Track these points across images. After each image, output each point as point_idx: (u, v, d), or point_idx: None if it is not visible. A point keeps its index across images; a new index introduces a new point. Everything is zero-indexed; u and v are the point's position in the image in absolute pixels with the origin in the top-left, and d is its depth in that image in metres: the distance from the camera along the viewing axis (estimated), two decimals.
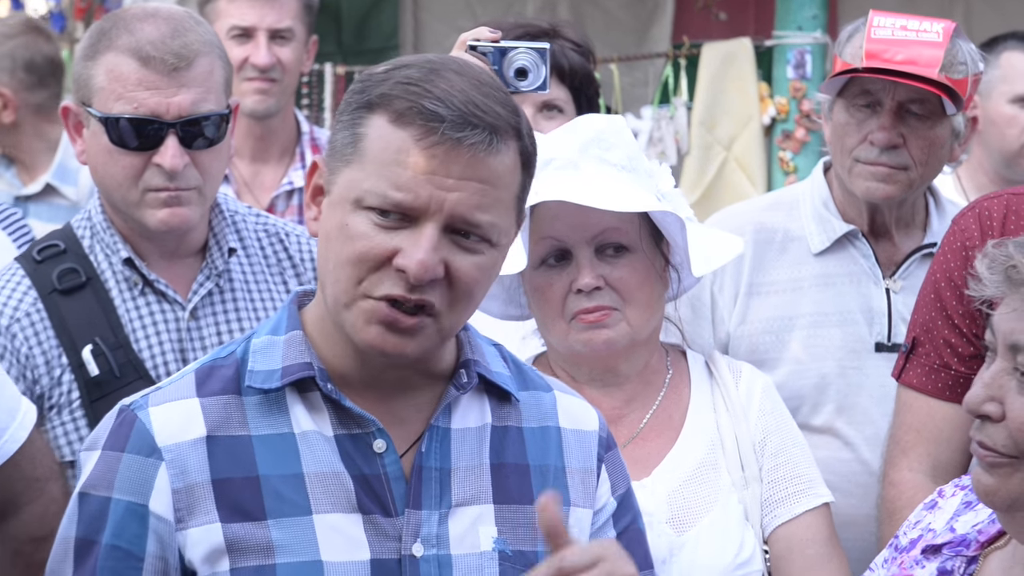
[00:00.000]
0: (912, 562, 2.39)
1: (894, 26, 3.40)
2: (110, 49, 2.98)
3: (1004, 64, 4.88)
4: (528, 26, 3.56)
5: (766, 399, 3.02)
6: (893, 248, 3.54)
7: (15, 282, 3.05)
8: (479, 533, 2.22)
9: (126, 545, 2.13)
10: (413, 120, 2.05)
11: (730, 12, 7.90)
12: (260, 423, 2.17)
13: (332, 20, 8.03)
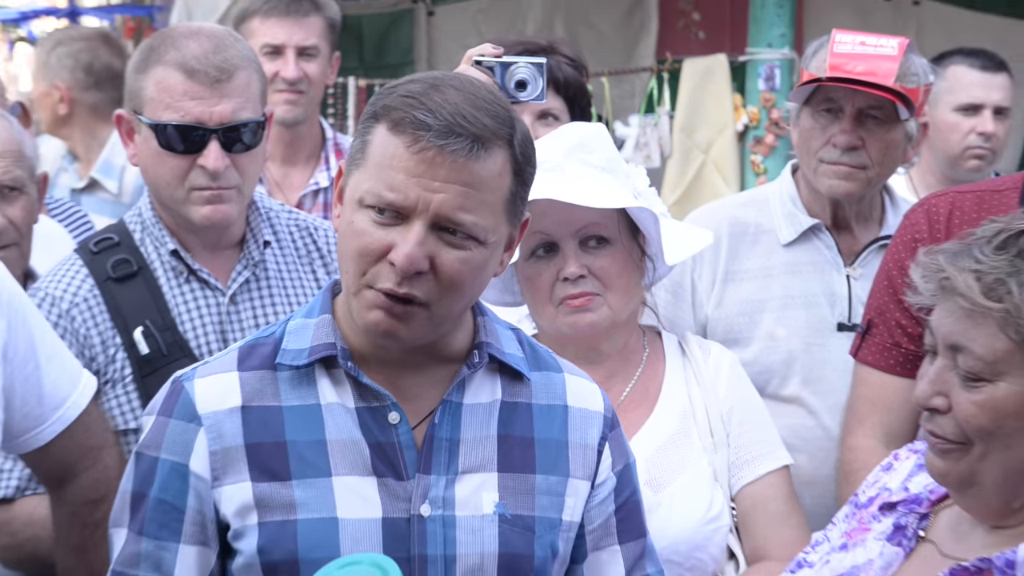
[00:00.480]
0: (870, 517, 2.38)
1: (854, 42, 3.40)
2: (159, 63, 2.98)
3: (950, 77, 4.85)
4: (528, 43, 3.54)
5: (732, 374, 3.01)
6: (853, 240, 3.53)
7: (74, 271, 3.04)
8: (482, 498, 2.21)
9: (170, 499, 2.15)
10: (405, 128, 2.07)
11: (708, 31, 7.91)
12: (290, 395, 2.18)
13: (355, 38, 8.05)
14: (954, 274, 2.10)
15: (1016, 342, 2.05)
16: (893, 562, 2.26)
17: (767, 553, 2.88)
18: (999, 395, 2.07)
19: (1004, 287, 2.05)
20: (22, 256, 3.19)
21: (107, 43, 5.46)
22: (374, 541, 2.13)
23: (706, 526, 2.82)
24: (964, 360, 2.10)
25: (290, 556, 2.12)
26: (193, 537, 2.14)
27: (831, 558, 2.36)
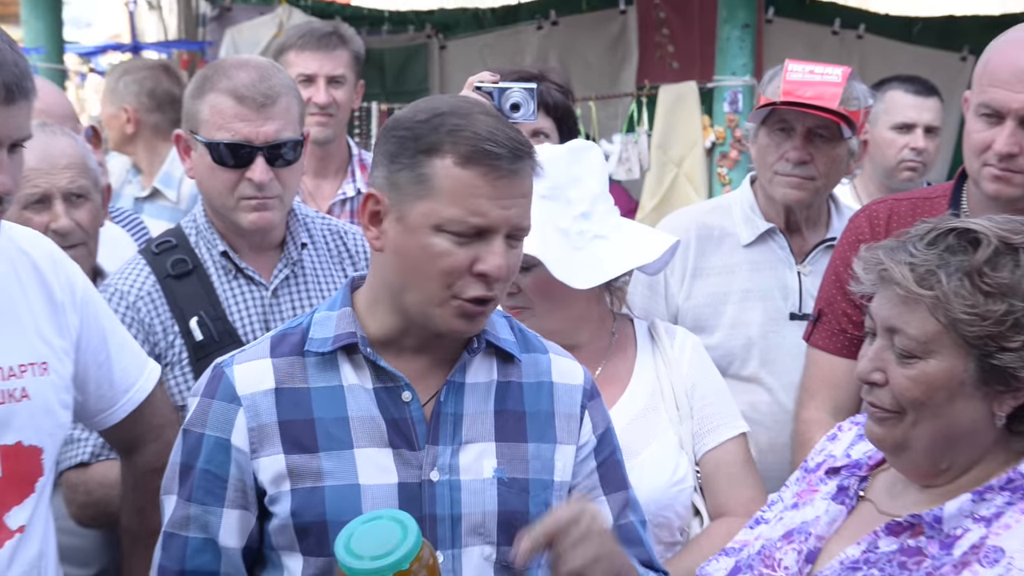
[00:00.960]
0: (817, 480, 2.38)
1: (804, 70, 3.42)
2: (213, 90, 3.00)
3: (888, 100, 4.87)
4: (521, 71, 3.55)
5: (695, 355, 3.01)
6: (803, 241, 3.54)
7: (139, 269, 3.06)
8: (483, 464, 2.24)
9: (215, 469, 2.19)
10: (480, 161, 2.07)
11: (680, 62, 7.87)
12: (316, 378, 2.19)
13: (377, 69, 8.01)
14: (891, 266, 2.10)
15: (944, 325, 2.04)
16: (837, 518, 2.26)
17: (727, 510, 2.89)
18: (929, 370, 2.07)
19: (934, 277, 2.05)
20: (89, 255, 3.20)
21: (167, 72, 5.51)
22: (391, 504, 2.15)
23: (672, 488, 2.83)
24: (900, 340, 2.10)
25: (319, 518, 2.15)
26: (234, 502, 2.18)
27: (784, 515, 2.36)
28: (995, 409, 2.07)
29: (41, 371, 2.42)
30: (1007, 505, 2.06)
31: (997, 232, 2.07)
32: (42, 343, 2.44)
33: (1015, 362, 2.02)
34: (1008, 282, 2.03)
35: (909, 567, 2.07)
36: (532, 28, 8.28)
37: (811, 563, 2.21)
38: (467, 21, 8.58)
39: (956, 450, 2.12)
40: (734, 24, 6.19)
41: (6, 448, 2.34)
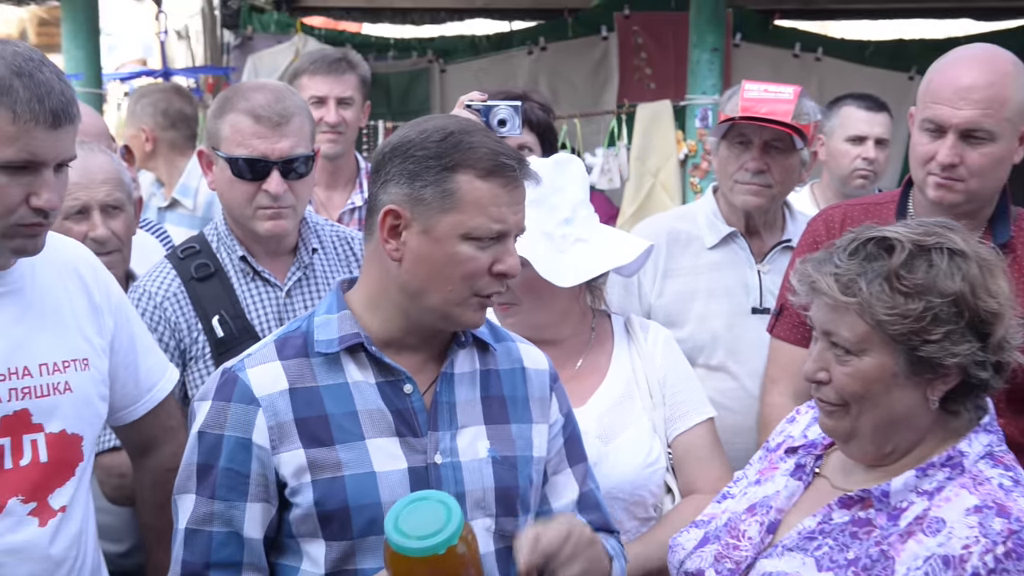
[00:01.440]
0: (778, 459, 2.38)
1: (760, 89, 3.43)
2: (233, 110, 2.99)
3: (843, 115, 4.86)
4: (507, 92, 3.54)
5: (667, 347, 2.98)
6: (761, 243, 3.54)
7: (165, 272, 3.04)
8: (478, 446, 2.23)
9: (237, 467, 2.13)
10: (500, 173, 2.08)
11: (657, 83, 7.90)
12: (324, 377, 2.16)
13: (383, 91, 8.03)
14: (818, 278, 2.10)
15: (871, 325, 2.04)
16: (795, 493, 2.26)
17: (696, 488, 2.86)
18: (864, 367, 2.07)
19: (856, 284, 2.05)
20: (124, 261, 3.21)
21: (179, 93, 5.52)
22: (404, 487, 2.13)
23: (645, 469, 2.81)
24: (837, 339, 2.10)
25: (341, 505, 2.11)
26: (257, 496, 2.12)
27: (748, 491, 2.36)
28: (928, 394, 2.07)
29: (83, 366, 2.42)
30: (947, 480, 2.06)
31: (911, 237, 2.07)
32: (83, 341, 2.45)
33: (938, 352, 2.02)
34: (923, 282, 2.03)
35: (860, 536, 2.07)
36: (523, 53, 8.32)
37: (772, 533, 2.21)
38: (464, 47, 8.61)
39: (898, 434, 2.12)
40: (704, 48, 6.19)
41: (51, 436, 2.35)
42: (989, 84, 2.82)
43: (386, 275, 2.16)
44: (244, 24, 8.59)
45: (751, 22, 8.16)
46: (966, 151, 2.84)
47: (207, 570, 2.12)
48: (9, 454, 2.28)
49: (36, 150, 2.16)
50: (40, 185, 2.19)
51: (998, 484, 2.03)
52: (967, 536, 1.94)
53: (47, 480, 2.34)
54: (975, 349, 2.02)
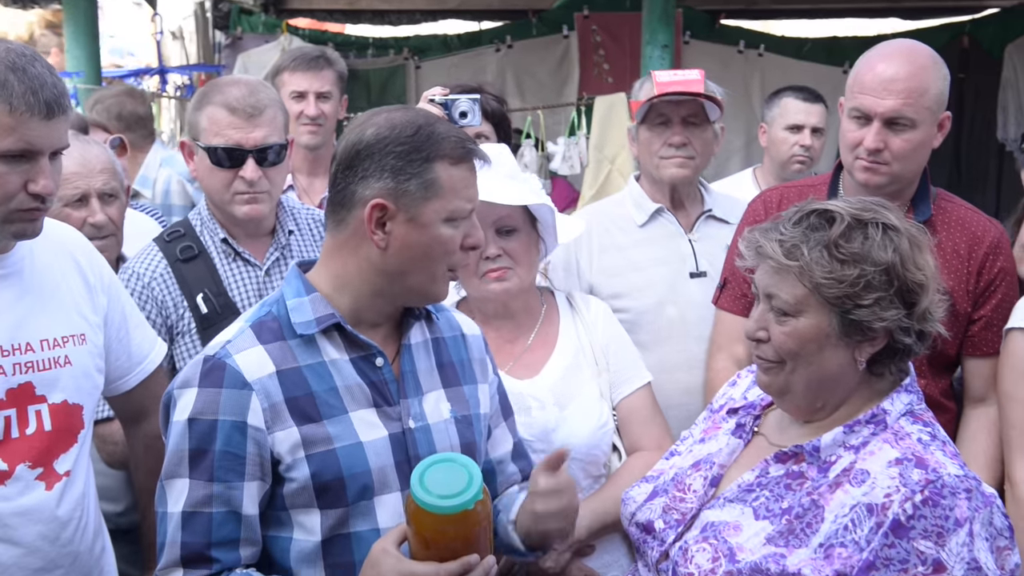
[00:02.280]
0: (720, 419, 2.40)
1: (670, 75, 3.43)
2: (210, 104, 2.97)
3: (782, 105, 4.85)
4: (464, 86, 3.53)
5: (607, 319, 2.99)
6: (687, 215, 3.50)
7: (152, 254, 3.02)
8: (441, 408, 2.22)
9: (233, 449, 2.05)
10: (467, 159, 2.09)
11: (614, 77, 7.88)
12: (304, 357, 2.11)
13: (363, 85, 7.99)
14: (764, 243, 2.12)
15: (810, 289, 2.06)
16: (736, 450, 2.28)
17: (641, 446, 2.87)
18: (800, 327, 2.09)
19: (798, 250, 2.07)
20: (117, 244, 3.20)
21: (131, 96, 5.38)
22: (387, 453, 2.12)
23: (598, 431, 2.81)
24: (776, 303, 2.11)
25: (336, 476, 2.07)
26: (253, 475, 2.06)
27: (694, 448, 2.37)
28: (856, 355, 2.09)
29: (80, 341, 2.41)
30: (872, 436, 2.08)
31: (850, 211, 2.09)
32: (80, 318, 2.44)
33: (869, 316, 2.04)
34: (859, 251, 2.04)
35: (793, 488, 2.09)
36: (491, 51, 8.28)
37: (715, 487, 2.23)
38: (438, 45, 8.57)
39: (828, 391, 2.13)
40: (655, 45, 6.15)
41: (54, 406, 2.34)
42: (910, 76, 2.83)
43: (364, 261, 2.11)
44: (234, 25, 8.53)
45: (699, 21, 8.14)
46: (890, 137, 2.86)
47: (208, 549, 2.05)
48: (16, 424, 2.28)
49: (32, 140, 2.15)
50: (37, 172, 2.18)
51: (917, 439, 2.05)
52: (889, 486, 1.96)
53: (52, 447, 2.33)
54: (901, 316, 2.04)
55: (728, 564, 2.01)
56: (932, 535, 1.89)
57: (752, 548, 2.01)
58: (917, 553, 1.89)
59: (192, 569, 2.05)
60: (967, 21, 8.37)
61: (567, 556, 2.74)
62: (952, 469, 1.97)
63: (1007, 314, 2.91)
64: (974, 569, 1.88)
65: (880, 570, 1.90)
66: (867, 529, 1.93)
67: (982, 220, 3.03)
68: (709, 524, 2.12)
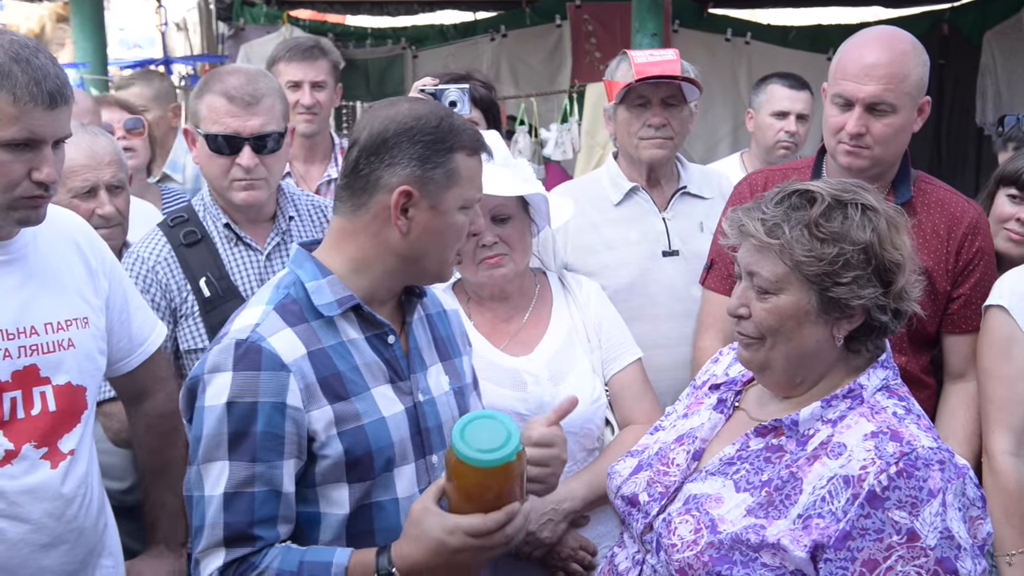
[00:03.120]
0: (703, 395, 2.39)
1: (646, 55, 3.40)
2: (209, 92, 2.95)
3: (769, 92, 4.84)
4: (453, 75, 3.50)
5: (598, 298, 2.99)
6: (662, 193, 3.47)
7: (157, 239, 3.00)
8: (441, 381, 2.25)
9: (274, 429, 2.02)
10: (480, 149, 2.14)
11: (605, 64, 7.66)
12: (327, 338, 2.11)
13: (362, 75, 7.98)
14: (747, 222, 2.11)
15: (790, 267, 2.05)
16: (717, 424, 2.28)
17: (632, 420, 2.88)
18: (780, 303, 2.08)
19: (780, 229, 2.06)
20: (123, 232, 3.19)
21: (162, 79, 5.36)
22: (404, 426, 2.15)
23: (592, 406, 2.81)
24: (757, 280, 2.10)
25: (366, 450, 2.08)
26: (291, 454, 2.04)
27: (677, 423, 2.37)
28: (835, 332, 2.08)
29: (83, 324, 2.41)
30: (848, 410, 2.07)
31: (830, 192, 2.08)
32: (83, 301, 2.43)
33: (847, 294, 2.03)
34: (838, 230, 2.04)
35: (772, 461, 2.09)
36: (487, 40, 8.26)
37: (697, 460, 2.23)
38: (434, 35, 8.55)
39: (807, 367, 2.13)
40: (645, 34, 6.13)
41: (58, 387, 2.34)
42: (890, 62, 2.82)
43: (383, 244, 2.11)
44: (237, 16, 8.49)
45: (687, 10, 8.11)
46: (871, 122, 2.85)
47: (251, 528, 2.02)
48: (21, 405, 2.27)
49: (36, 129, 2.14)
50: (40, 161, 2.17)
51: (892, 413, 2.05)
52: (864, 458, 1.96)
53: (56, 427, 2.33)
54: (878, 294, 2.04)
55: (710, 535, 2.01)
56: (906, 505, 1.89)
57: (733, 519, 2.02)
58: (892, 523, 1.89)
59: (235, 548, 2.02)
60: (947, 9, 8.35)
61: (563, 527, 2.75)
62: (926, 442, 1.97)
63: (985, 292, 2.91)
64: (947, 538, 1.88)
65: (856, 539, 1.90)
66: (844, 500, 1.93)
67: (961, 202, 3.02)
68: (691, 496, 2.12)
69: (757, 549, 1.96)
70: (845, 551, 1.90)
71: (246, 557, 2.02)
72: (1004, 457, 2.77)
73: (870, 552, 1.89)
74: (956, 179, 6.69)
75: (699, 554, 2.01)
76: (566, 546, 2.76)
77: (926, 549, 1.87)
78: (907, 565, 1.88)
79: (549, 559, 2.76)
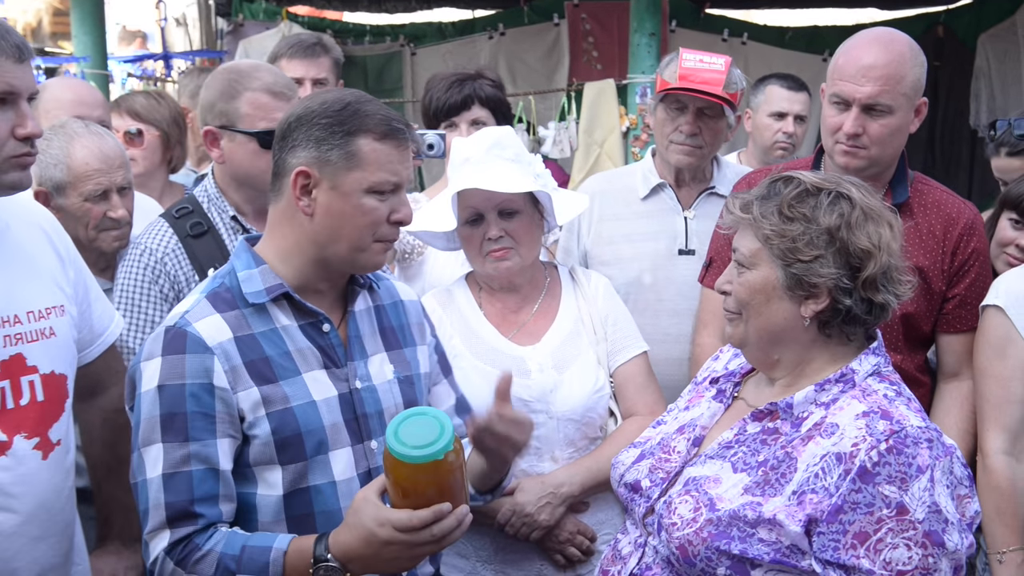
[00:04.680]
0: (703, 389, 2.45)
1: (696, 59, 3.41)
2: (247, 90, 2.94)
3: (767, 92, 4.89)
4: (461, 74, 3.53)
5: (606, 291, 3.04)
6: (689, 192, 3.53)
7: (163, 230, 3.01)
8: (384, 370, 2.31)
9: (204, 409, 2.11)
10: (393, 136, 2.13)
11: (602, 63, 7.87)
12: (257, 324, 2.18)
13: (361, 71, 7.97)
14: (731, 202, 2.22)
15: (761, 242, 2.14)
16: (717, 413, 2.34)
17: (635, 411, 2.93)
18: (752, 278, 2.17)
19: (752, 206, 2.17)
20: (131, 230, 3.21)
21: None
22: (337, 411, 2.20)
23: (594, 395, 2.87)
24: (737, 256, 2.20)
25: (294, 431, 2.15)
26: (224, 432, 2.12)
27: (679, 416, 2.43)
28: (802, 311, 2.15)
29: (60, 312, 2.40)
30: (840, 393, 2.14)
31: (812, 180, 2.18)
32: (58, 289, 2.42)
33: (807, 272, 2.11)
34: (805, 212, 2.13)
35: (768, 442, 2.16)
36: (484, 38, 8.26)
37: (697, 446, 2.30)
38: (433, 33, 8.54)
39: (779, 344, 2.20)
40: (643, 33, 6.15)
41: (44, 376, 2.33)
42: (887, 63, 2.85)
43: (298, 229, 2.19)
44: (235, 12, 8.47)
45: (685, 10, 8.13)
46: (868, 122, 2.88)
47: (192, 505, 2.10)
48: (10, 395, 2.26)
49: (12, 81, 2.15)
50: (22, 116, 2.18)
51: (883, 395, 2.11)
52: (856, 436, 2.02)
53: (45, 417, 2.33)
54: (841, 276, 2.10)
55: (709, 512, 2.08)
56: (896, 480, 1.96)
57: (731, 498, 2.08)
58: (882, 497, 1.95)
59: (178, 527, 2.09)
60: (942, 11, 8.37)
61: (560, 511, 2.78)
62: (915, 421, 2.04)
63: (980, 292, 2.93)
64: (935, 512, 1.95)
65: (848, 513, 1.97)
66: (836, 476, 1.99)
67: (957, 202, 3.05)
68: (691, 479, 2.18)
69: (754, 525, 2.03)
70: (837, 524, 1.97)
71: (190, 537, 2.09)
72: (998, 456, 2.80)
73: (861, 525, 1.96)
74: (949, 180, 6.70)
75: (698, 531, 2.07)
76: (564, 530, 2.81)
77: (914, 522, 1.94)
78: (896, 537, 1.94)
79: (547, 542, 2.82)
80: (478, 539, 2.82)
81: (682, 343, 3.35)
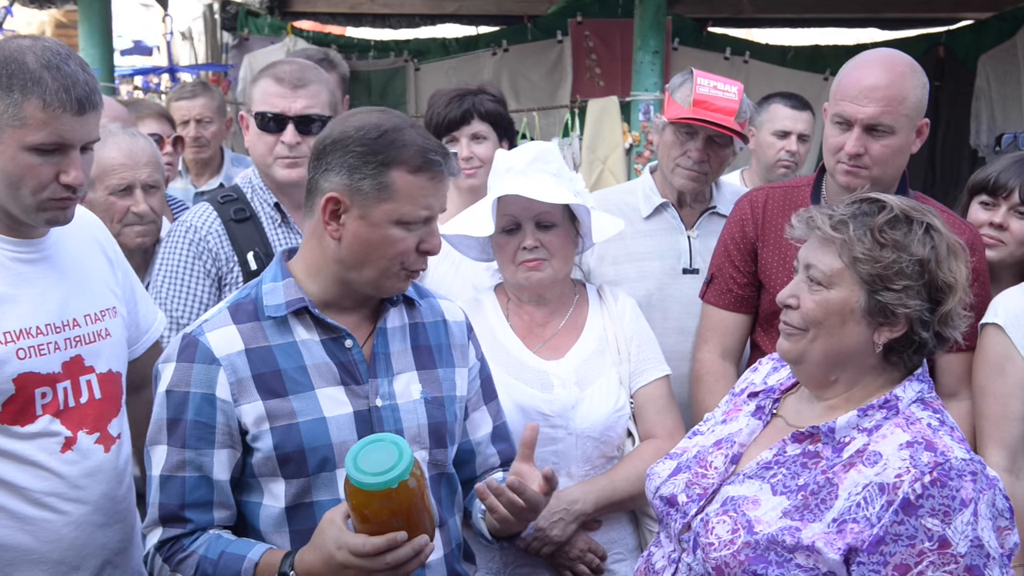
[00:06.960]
0: (741, 402, 2.43)
1: (710, 85, 3.40)
2: (262, 77, 3.15)
3: (770, 111, 4.91)
4: (463, 89, 3.55)
5: (633, 312, 3.04)
6: (691, 212, 3.53)
7: (208, 212, 3.11)
8: (411, 389, 2.28)
9: (204, 419, 2.15)
10: (428, 169, 2.12)
11: (606, 81, 7.92)
12: (275, 337, 2.19)
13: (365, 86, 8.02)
14: (816, 215, 2.18)
15: (846, 263, 2.11)
16: (756, 430, 2.31)
17: (654, 434, 2.93)
18: (830, 297, 2.13)
19: (845, 225, 2.13)
20: (157, 231, 3.35)
21: None
22: (351, 429, 2.19)
23: (614, 414, 2.87)
24: (812, 272, 2.16)
25: (298, 448, 2.15)
26: (223, 443, 2.16)
27: (715, 428, 2.40)
28: (875, 337, 2.13)
29: (113, 314, 2.52)
30: (884, 420, 2.12)
31: (901, 206, 2.15)
32: (110, 292, 2.54)
33: (894, 300, 2.08)
34: (900, 240, 2.10)
35: (809, 466, 2.13)
36: (488, 54, 8.30)
37: (735, 464, 2.26)
38: (436, 48, 8.58)
39: (842, 366, 2.17)
40: (646, 51, 6.20)
41: (101, 375, 2.45)
42: (889, 84, 2.87)
43: (325, 250, 2.20)
44: (241, 27, 8.53)
45: (687, 29, 8.18)
46: (870, 142, 2.89)
47: (182, 510, 2.16)
48: (71, 394, 2.37)
49: (64, 134, 2.21)
50: (68, 164, 2.24)
51: (927, 424, 2.09)
52: (900, 467, 2.00)
53: (104, 413, 2.44)
54: (924, 309, 2.09)
55: (747, 535, 2.06)
56: (939, 513, 1.94)
57: (769, 521, 2.06)
58: (925, 530, 1.94)
59: (169, 527, 2.17)
60: (943, 32, 8.43)
61: (573, 527, 2.80)
62: (959, 453, 2.02)
63: (979, 312, 2.95)
64: (977, 546, 1.93)
65: (889, 544, 1.95)
66: (878, 507, 1.97)
67: (956, 222, 3.06)
68: (729, 499, 2.16)
69: (792, 550, 2.01)
70: (878, 555, 1.95)
71: (178, 538, 2.15)
72: (998, 473, 2.81)
73: (902, 557, 1.94)
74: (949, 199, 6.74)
75: (735, 553, 2.05)
76: (575, 547, 2.81)
77: (956, 556, 1.92)
78: (937, 571, 1.92)
79: (558, 557, 2.82)
80: (487, 552, 2.81)
81: (688, 360, 3.34)
